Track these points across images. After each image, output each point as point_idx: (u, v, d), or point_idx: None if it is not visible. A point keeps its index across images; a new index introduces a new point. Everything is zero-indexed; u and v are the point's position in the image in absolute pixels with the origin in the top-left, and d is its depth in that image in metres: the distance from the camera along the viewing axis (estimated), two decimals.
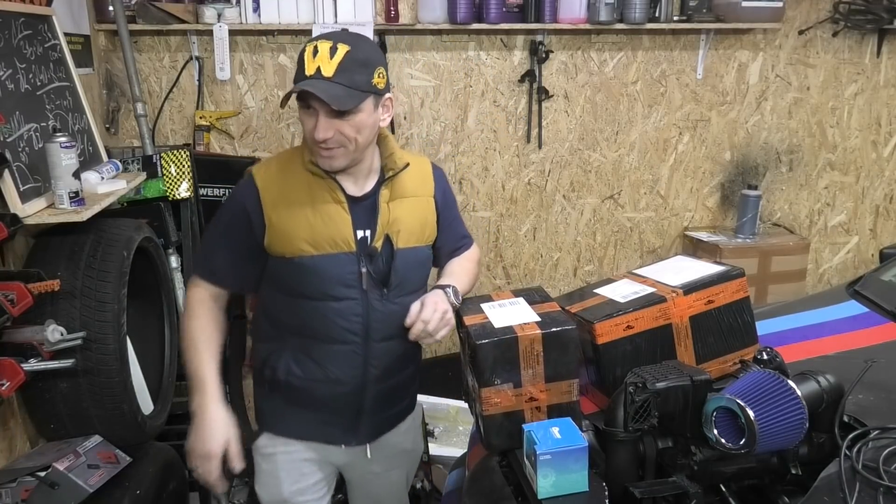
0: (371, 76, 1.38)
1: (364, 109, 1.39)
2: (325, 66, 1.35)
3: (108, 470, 1.65)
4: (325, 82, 1.34)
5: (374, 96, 1.40)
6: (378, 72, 1.40)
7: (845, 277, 3.43)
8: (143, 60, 2.84)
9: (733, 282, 1.56)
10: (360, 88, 1.37)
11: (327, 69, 1.35)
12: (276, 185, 1.47)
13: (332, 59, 1.35)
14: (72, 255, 1.73)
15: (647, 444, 1.29)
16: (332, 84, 1.34)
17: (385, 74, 1.42)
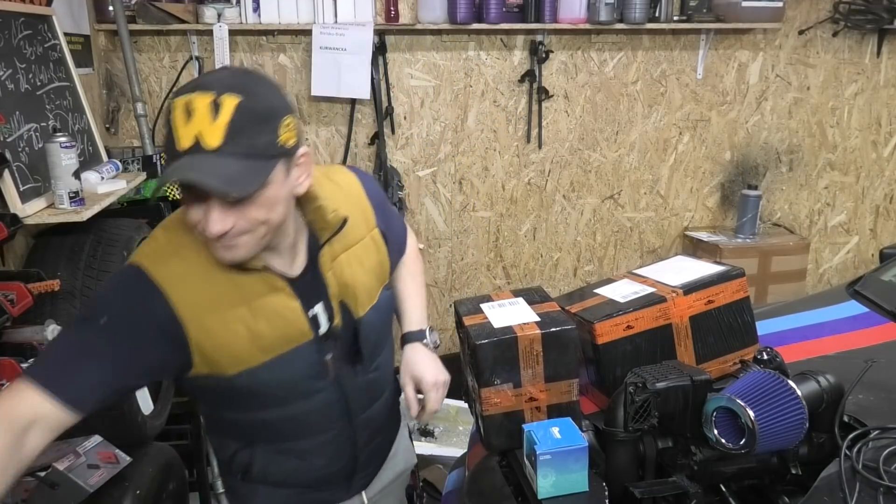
0: (276, 133, 0.99)
1: (273, 181, 1.00)
2: (206, 132, 0.95)
3: (108, 470, 1.65)
4: (210, 158, 0.94)
5: (283, 160, 1.01)
6: (285, 124, 1.01)
7: (845, 277, 3.43)
8: (143, 60, 2.84)
9: (733, 282, 1.56)
10: (264, 155, 0.98)
11: (211, 137, 0.95)
12: (190, 290, 1.08)
13: (216, 120, 0.94)
14: (72, 255, 1.73)
15: (647, 444, 1.29)
16: (222, 159, 0.95)
17: (294, 124, 1.03)
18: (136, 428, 1.82)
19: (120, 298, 1.08)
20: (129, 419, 1.79)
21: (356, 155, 3.04)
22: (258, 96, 0.99)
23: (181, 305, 1.07)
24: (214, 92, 0.96)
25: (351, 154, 3.02)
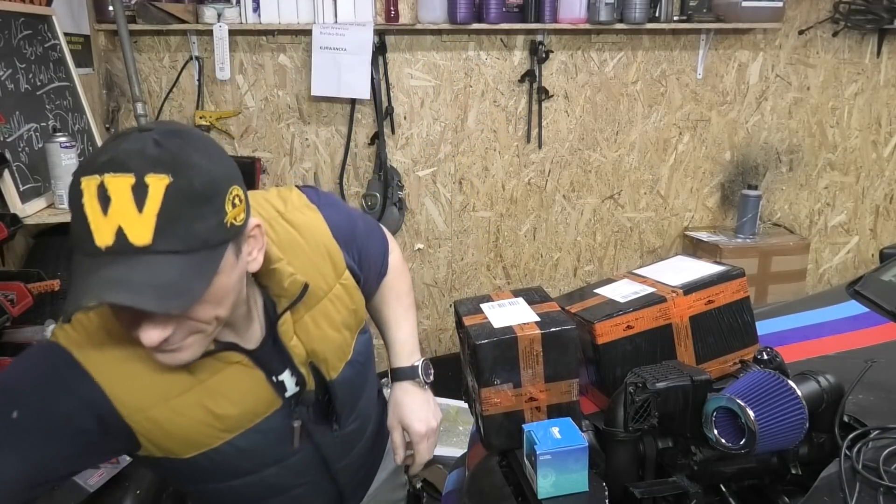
0: (221, 212, 0.80)
1: (222, 271, 0.82)
2: (131, 225, 0.74)
3: (108, 470, 1.65)
4: (140, 261, 0.74)
5: (233, 242, 0.83)
6: (231, 197, 0.81)
7: (845, 277, 3.43)
8: (143, 60, 2.84)
9: (733, 282, 1.56)
10: (209, 244, 0.79)
11: (138, 232, 0.74)
12: (131, 382, 0.91)
13: (142, 212, 0.74)
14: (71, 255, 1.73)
15: (647, 444, 1.29)
16: (155, 259, 0.75)
17: (242, 195, 0.84)
18: None
19: (41, 385, 0.87)
20: None
21: (356, 155, 3.04)
22: (192, 170, 0.76)
23: (120, 400, 0.91)
24: (133, 173, 0.74)
25: (351, 154, 3.02)
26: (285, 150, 3.02)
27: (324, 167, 3.04)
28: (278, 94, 2.95)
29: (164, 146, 0.76)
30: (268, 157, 3.01)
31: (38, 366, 0.91)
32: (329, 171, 3.05)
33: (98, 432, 0.91)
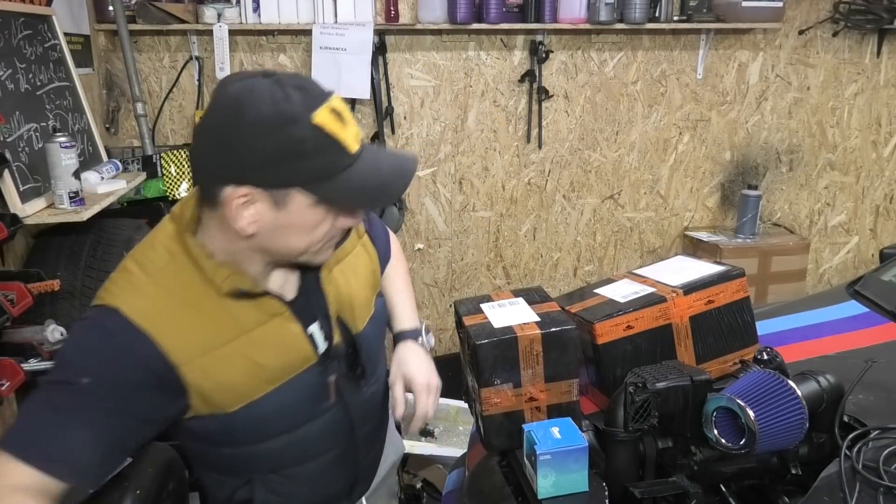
0: None
1: None
2: (358, 129, 0.95)
3: None
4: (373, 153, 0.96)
5: None
6: None
7: (845, 277, 3.43)
8: (143, 60, 2.84)
9: (733, 282, 1.56)
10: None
11: (359, 133, 0.95)
12: (180, 330, 0.98)
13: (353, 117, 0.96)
14: (72, 255, 1.73)
15: (647, 444, 1.29)
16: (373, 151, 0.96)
17: None
18: None
19: (100, 352, 0.95)
20: None
21: None
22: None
23: (173, 350, 0.96)
24: (331, 93, 0.94)
25: None
26: None
27: None
28: None
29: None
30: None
31: (97, 331, 0.96)
32: None
33: (157, 391, 0.97)
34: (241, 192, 0.92)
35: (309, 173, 0.92)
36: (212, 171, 0.96)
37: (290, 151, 0.90)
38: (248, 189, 0.92)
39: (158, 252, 1.04)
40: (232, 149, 0.91)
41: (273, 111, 0.89)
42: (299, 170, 0.92)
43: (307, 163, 0.91)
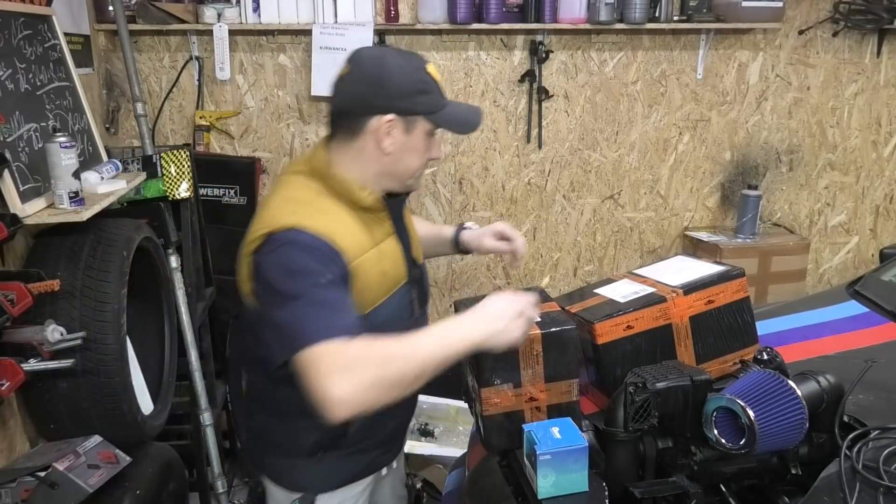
0: None
1: None
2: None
3: (108, 470, 1.65)
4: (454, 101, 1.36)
5: None
6: None
7: (845, 277, 3.43)
8: (143, 60, 2.84)
9: (733, 282, 1.56)
10: None
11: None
12: (344, 237, 1.23)
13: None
14: (72, 255, 1.73)
15: (647, 444, 1.29)
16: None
17: None
18: (136, 428, 1.82)
19: (317, 257, 1.19)
20: (129, 419, 1.79)
21: None
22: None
23: (345, 251, 1.22)
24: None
25: None
26: (285, 150, 3.02)
27: None
28: (278, 94, 2.95)
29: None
30: (268, 157, 3.01)
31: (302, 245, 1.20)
32: None
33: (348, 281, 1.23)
34: (386, 119, 1.26)
35: (429, 106, 1.29)
36: (361, 107, 1.27)
37: (420, 89, 1.28)
38: (392, 116, 1.26)
39: (302, 191, 1.30)
40: (381, 87, 1.25)
41: (406, 61, 1.29)
42: (424, 102, 1.28)
43: (428, 97, 1.29)
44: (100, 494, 1.60)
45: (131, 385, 1.80)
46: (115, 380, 1.72)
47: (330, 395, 1.07)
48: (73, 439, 1.72)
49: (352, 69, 1.29)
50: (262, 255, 1.22)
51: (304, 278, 1.17)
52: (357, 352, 1.11)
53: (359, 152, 1.29)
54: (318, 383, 1.08)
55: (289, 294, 1.16)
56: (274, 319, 1.18)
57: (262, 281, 1.22)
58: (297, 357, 1.11)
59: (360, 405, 1.09)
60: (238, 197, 2.93)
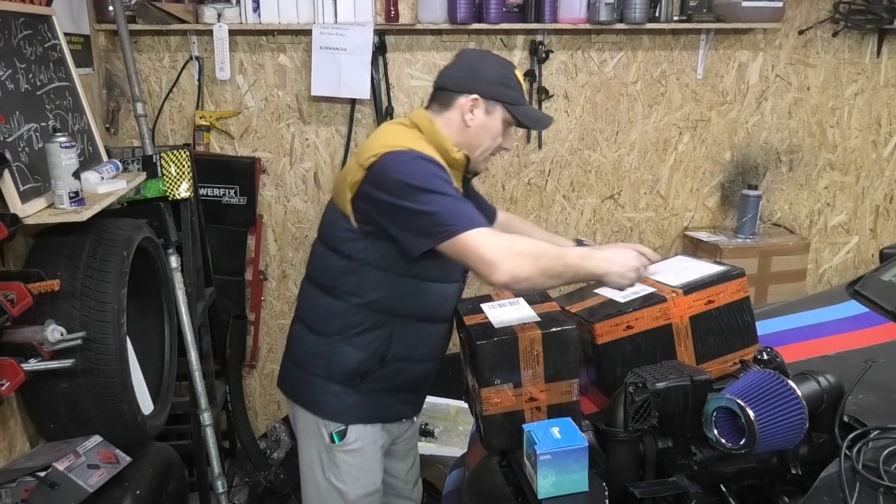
0: None
1: None
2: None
3: (108, 470, 1.65)
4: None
5: None
6: None
7: (845, 277, 3.42)
8: (143, 60, 2.84)
9: (733, 282, 1.56)
10: None
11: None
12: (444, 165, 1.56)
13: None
14: (72, 255, 1.73)
15: (647, 444, 1.29)
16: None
17: None
18: (136, 428, 1.82)
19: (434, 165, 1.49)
20: (129, 419, 1.79)
21: None
22: None
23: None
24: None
25: (351, 154, 3.02)
26: (285, 150, 3.02)
27: (324, 167, 3.04)
28: (278, 94, 2.95)
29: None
30: (268, 157, 3.01)
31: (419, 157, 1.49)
32: (329, 171, 3.05)
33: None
34: (472, 98, 1.59)
35: (509, 98, 1.61)
36: (455, 85, 1.61)
37: (504, 82, 1.61)
38: (476, 96, 1.59)
39: (408, 132, 1.59)
40: (473, 73, 1.61)
41: (498, 61, 1.66)
42: (505, 93, 1.60)
43: (510, 91, 1.61)
44: (100, 494, 1.60)
45: (131, 385, 1.80)
46: (115, 380, 1.72)
47: (499, 265, 1.35)
48: (73, 439, 1.72)
49: (456, 60, 1.68)
50: (389, 163, 1.46)
51: (440, 180, 1.45)
52: (515, 239, 1.43)
53: (447, 121, 1.61)
54: (485, 252, 1.36)
55: (432, 189, 1.42)
56: (417, 211, 1.41)
57: (394, 178, 1.44)
58: (459, 238, 1.38)
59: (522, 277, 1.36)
60: (238, 197, 2.93)
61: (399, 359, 1.62)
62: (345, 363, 1.61)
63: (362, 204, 1.51)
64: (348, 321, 1.59)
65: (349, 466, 1.67)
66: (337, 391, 1.63)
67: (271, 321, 3.18)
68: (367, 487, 1.70)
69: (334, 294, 1.60)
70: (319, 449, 1.68)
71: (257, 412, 3.28)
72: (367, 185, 1.49)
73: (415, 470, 1.97)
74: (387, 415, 1.71)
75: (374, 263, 1.55)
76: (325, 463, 1.68)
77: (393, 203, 1.43)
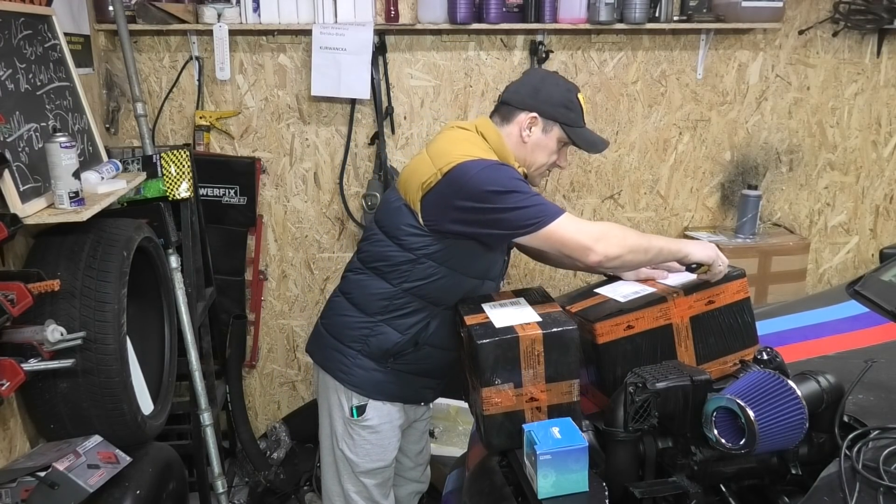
0: None
1: None
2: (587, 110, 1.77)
3: (108, 470, 1.65)
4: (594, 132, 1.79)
5: None
6: None
7: (845, 277, 3.42)
8: (143, 60, 2.84)
9: (734, 282, 1.56)
10: None
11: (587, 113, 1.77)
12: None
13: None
14: (72, 255, 1.73)
15: (647, 444, 1.30)
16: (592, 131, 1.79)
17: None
18: (136, 428, 1.82)
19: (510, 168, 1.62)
20: (129, 419, 1.79)
21: (356, 155, 3.04)
22: None
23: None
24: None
25: (351, 154, 3.02)
26: (285, 150, 3.02)
27: (324, 167, 3.04)
28: (278, 94, 2.94)
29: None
30: (268, 157, 3.01)
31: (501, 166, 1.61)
32: (329, 171, 3.05)
33: None
34: (531, 115, 1.70)
35: (567, 119, 1.70)
36: (520, 103, 1.71)
37: (564, 104, 1.70)
38: (535, 115, 1.70)
39: (480, 141, 1.68)
40: (536, 92, 1.71)
41: (562, 83, 1.74)
42: (565, 114, 1.70)
43: (569, 113, 1.70)
44: (100, 494, 1.60)
45: (131, 385, 1.80)
46: (115, 380, 1.72)
47: (590, 245, 1.51)
48: (73, 439, 1.72)
49: (523, 77, 1.80)
50: (468, 171, 1.57)
51: (518, 181, 1.58)
52: (602, 224, 1.61)
53: (507, 135, 1.71)
54: (579, 237, 1.52)
55: (516, 189, 1.55)
56: (504, 209, 1.54)
57: (475, 187, 1.55)
58: (549, 227, 1.53)
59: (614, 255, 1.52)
60: (238, 197, 2.93)
61: (432, 345, 1.73)
62: (383, 342, 1.72)
63: (434, 206, 1.61)
64: (394, 303, 1.71)
65: (364, 440, 1.79)
66: (369, 367, 1.74)
67: (271, 321, 3.18)
68: (377, 462, 1.81)
69: (387, 279, 1.71)
70: (339, 419, 1.80)
71: (257, 412, 3.28)
72: (443, 191, 1.59)
73: (425, 453, 2.10)
74: (408, 396, 1.81)
75: (434, 257, 1.66)
76: (341, 433, 1.81)
77: (476, 207, 1.55)
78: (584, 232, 1.53)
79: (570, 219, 1.55)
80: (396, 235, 1.68)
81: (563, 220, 1.54)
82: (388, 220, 1.72)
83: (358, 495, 1.85)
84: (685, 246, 1.57)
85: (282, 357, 3.23)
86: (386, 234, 1.71)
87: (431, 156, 1.66)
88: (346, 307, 1.79)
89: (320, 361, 1.84)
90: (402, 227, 1.67)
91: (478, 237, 1.63)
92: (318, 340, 1.88)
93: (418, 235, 1.65)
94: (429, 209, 1.62)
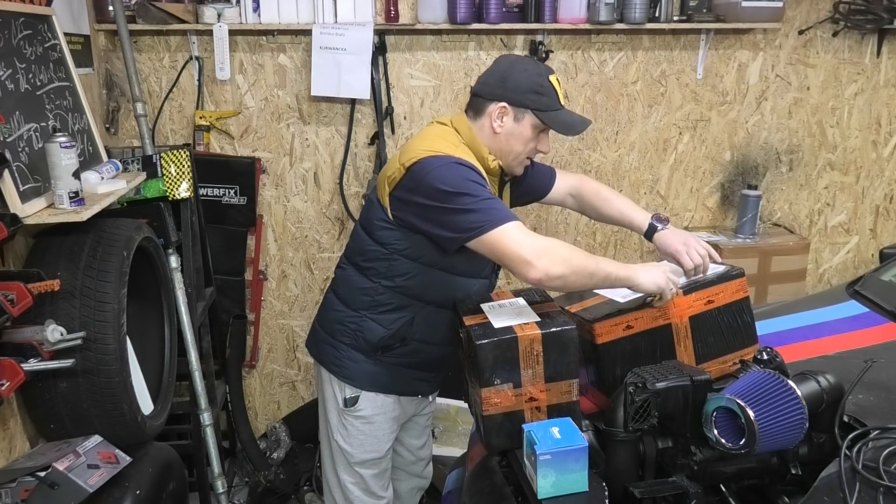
0: None
1: None
2: (563, 93, 1.69)
3: (108, 470, 1.65)
4: (574, 113, 1.71)
5: None
6: None
7: (845, 277, 3.42)
8: (143, 60, 2.84)
9: (733, 282, 1.56)
10: None
11: (564, 95, 1.69)
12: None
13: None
14: (72, 255, 1.73)
15: (647, 444, 1.30)
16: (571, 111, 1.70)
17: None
18: (136, 428, 1.82)
19: (481, 178, 1.57)
20: (129, 419, 1.79)
21: (356, 155, 3.04)
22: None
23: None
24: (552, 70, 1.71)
25: (351, 154, 3.02)
26: (285, 150, 3.02)
27: (324, 167, 3.05)
28: (278, 94, 2.95)
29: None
30: (268, 157, 3.01)
31: (458, 166, 1.56)
32: (329, 171, 3.05)
33: None
34: (500, 105, 1.65)
35: (539, 104, 1.64)
36: (489, 94, 1.68)
37: (535, 89, 1.63)
38: (504, 104, 1.65)
39: (452, 136, 1.67)
40: (506, 82, 1.66)
41: (532, 67, 1.68)
42: (536, 100, 1.64)
43: (541, 98, 1.63)
44: (100, 494, 1.60)
45: (131, 385, 1.80)
46: (115, 380, 1.72)
47: (530, 259, 1.43)
48: (73, 439, 1.72)
49: (491, 66, 1.76)
50: (426, 168, 1.54)
51: (475, 184, 1.53)
52: (550, 240, 1.51)
53: (480, 128, 1.69)
54: (519, 249, 1.45)
55: (467, 192, 1.50)
56: (452, 209, 1.50)
57: (429, 184, 1.53)
58: (491, 234, 1.47)
59: (555, 274, 1.43)
60: (238, 197, 2.93)
61: (419, 340, 1.74)
62: (369, 336, 1.74)
63: (399, 201, 1.62)
64: (376, 299, 1.72)
65: (357, 431, 1.81)
66: (359, 359, 1.76)
67: (271, 321, 3.18)
68: (371, 453, 1.83)
69: (366, 274, 1.73)
70: (333, 409, 1.83)
71: (257, 412, 3.28)
72: (405, 186, 1.59)
73: (427, 448, 2.11)
74: (403, 388, 1.82)
75: (405, 253, 1.66)
76: (335, 424, 1.83)
77: (428, 205, 1.54)
78: (526, 245, 1.46)
79: (516, 228, 1.48)
80: (371, 230, 1.71)
81: (508, 227, 1.47)
82: (366, 215, 1.76)
83: (355, 486, 1.87)
84: (634, 275, 1.48)
85: (282, 357, 3.23)
86: (363, 229, 1.75)
87: (401, 152, 1.67)
88: (335, 302, 1.82)
89: (316, 355, 1.88)
90: (375, 222, 1.69)
91: (432, 237, 1.60)
92: (313, 335, 1.92)
93: (388, 229, 1.66)
94: (395, 204, 1.63)
